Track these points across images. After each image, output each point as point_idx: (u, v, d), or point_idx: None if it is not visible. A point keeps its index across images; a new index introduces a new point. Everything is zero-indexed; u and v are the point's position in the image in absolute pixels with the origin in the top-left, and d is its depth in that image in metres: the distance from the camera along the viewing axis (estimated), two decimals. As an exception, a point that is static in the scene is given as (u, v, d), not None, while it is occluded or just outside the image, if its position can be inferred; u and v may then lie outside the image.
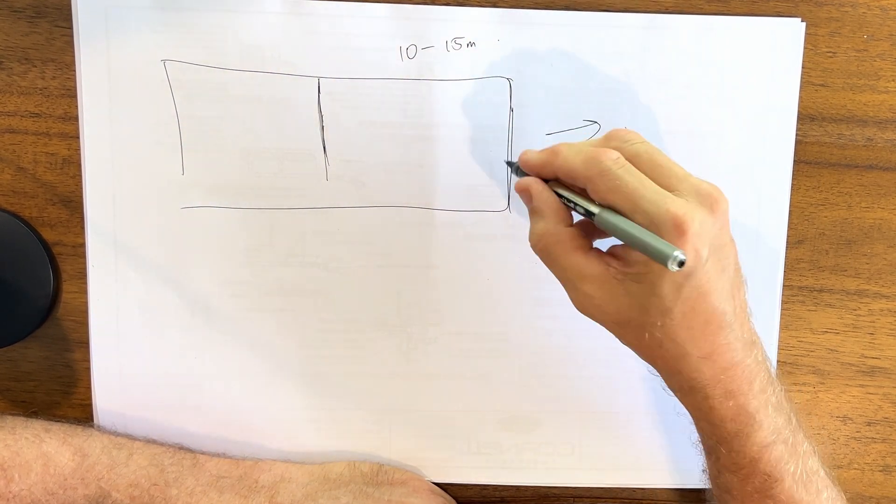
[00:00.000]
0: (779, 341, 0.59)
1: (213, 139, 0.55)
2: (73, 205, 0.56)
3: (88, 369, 0.57)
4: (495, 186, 0.57)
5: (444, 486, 0.60)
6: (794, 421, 0.49)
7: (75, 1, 0.54)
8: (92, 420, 0.58)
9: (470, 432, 0.59)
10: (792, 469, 0.47)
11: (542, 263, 0.57)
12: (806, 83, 0.57)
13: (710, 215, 0.42)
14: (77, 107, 0.55)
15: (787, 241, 0.58)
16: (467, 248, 0.57)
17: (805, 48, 0.56)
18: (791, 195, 0.58)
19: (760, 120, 0.57)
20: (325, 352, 0.58)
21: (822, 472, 0.49)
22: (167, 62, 0.55)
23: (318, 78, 0.55)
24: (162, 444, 0.55)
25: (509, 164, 0.55)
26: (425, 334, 0.58)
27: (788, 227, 0.58)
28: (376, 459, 0.59)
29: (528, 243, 0.47)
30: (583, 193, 0.45)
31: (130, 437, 0.55)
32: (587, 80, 0.56)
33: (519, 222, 0.57)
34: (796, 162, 0.57)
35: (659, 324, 0.43)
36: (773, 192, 0.57)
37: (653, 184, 0.42)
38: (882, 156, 0.58)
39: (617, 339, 0.47)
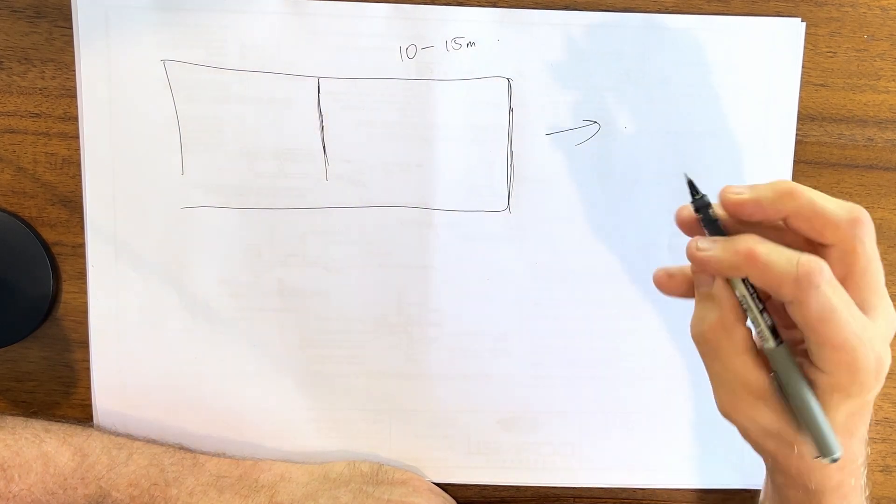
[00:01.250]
0: (779, 341, 0.59)
1: (213, 139, 0.55)
2: (73, 205, 0.56)
3: (88, 369, 0.57)
4: (495, 186, 0.57)
5: (443, 487, 0.60)
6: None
7: (75, 1, 0.54)
8: (92, 420, 0.58)
9: (470, 432, 0.59)
10: None
11: (542, 263, 0.57)
12: (806, 83, 0.57)
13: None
14: (77, 107, 0.55)
15: (787, 241, 0.58)
16: (467, 248, 0.57)
17: (805, 48, 0.56)
18: (791, 195, 0.58)
19: (760, 120, 0.57)
20: (325, 352, 0.58)
21: None
22: (167, 62, 0.55)
23: (318, 78, 0.55)
24: (162, 444, 0.55)
25: (693, 192, 0.42)
26: (425, 334, 0.58)
27: (789, 227, 0.58)
28: (376, 459, 0.59)
29: (690, 328, 0.43)
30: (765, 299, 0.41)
31: (130, 437, 0.55)
32: (587, 80, 0.56)
33: (518, 222, 0.57)
34: (796, 162, 0.57)
35: (809, 454, 0.42)
36: (773, 193, 0.57)
37: (858, 312, 0.39)
38: (882, 156, 0.58)
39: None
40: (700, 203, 0.41)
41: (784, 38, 0.56)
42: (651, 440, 0.60)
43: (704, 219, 0.41)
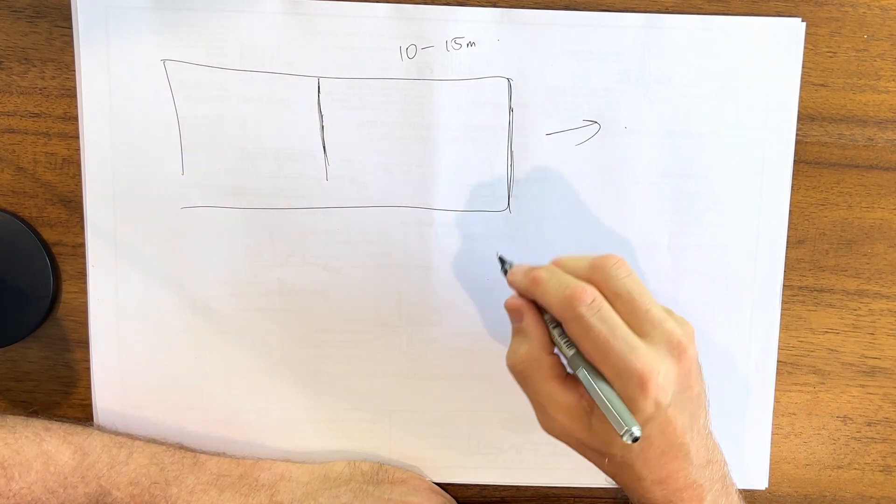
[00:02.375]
0: (779, 341, 0.59)
1: (213, 139, 0.55)
2: (73, 205, 0.56)
3: (88, 369, 0.57)
4: (495, 186, 0.57)
5: (444, 486, 0.60)
6: None
7: (75, 1, 0.54)
8: (92, 420, 0.58)
9: (470, 432, 0.59)
10: None
11: (542, 263, 0.57)
12: (806, 83, 0.57)
13: (676, 364, 0.44)
14: (77, 107, 0.55)
15: (787, 241, 0.58)
16: (467, 248, 0.57)
17: (805, 48, 0.56)
18: (791, 195, 0.58)
19: (760, 120, 0.57)
20: (325, 352, 0.58)
21: None
22: (167, 62, 0.55)
23: (318, 78, 0.55)
24: (162, 443, 0.55)
25: (501, 260, 0.52)
26: (425, 334, 0.58)
27: (789, 227, 0.58)
28: (376, 459, 0.59)
29: (506, 363, 0.49)
30: None
31: (131, 436, 0.55)
32: (587, 80, 0.56)
33: (519, 222, 0.57)
34: (796, 162, 0.57)
35: (619, 455, 0.46)
36: (773, 192, 0.57)
37: (624, 331, 0.44)
38: (882, 156, 0.58)
39: None
40: (504, 271, 0.51)
41: (784, 38, 0.56)
42: (651, 440, 0.60)
43: (504, 269, 0.51)
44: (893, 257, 0.59)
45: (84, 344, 0.57)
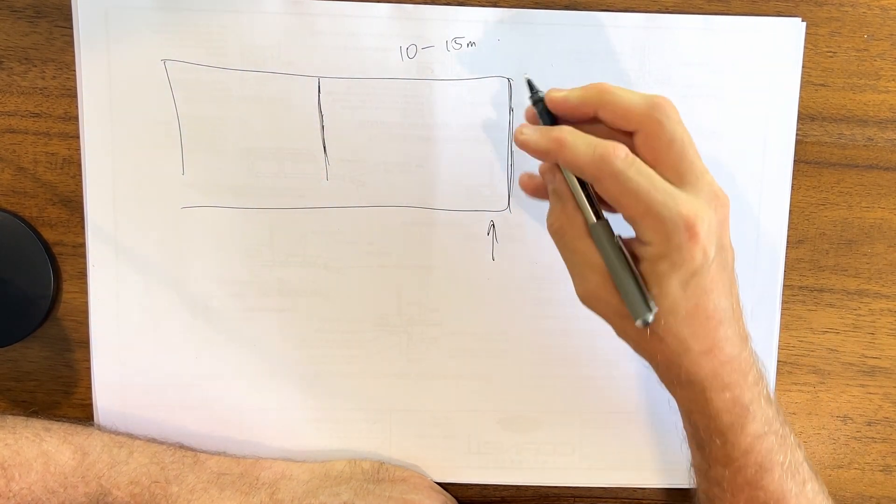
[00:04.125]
0: (779, 341, 0.59)
1: (213, 139, 0.55)
2: (73, 205, 0.56)
3: (88, 369, 0.57)
4: (495, 186, 0.57)
5: (444, 486, 0.60)
6: (781, 414, 0.50)
7: (75, 1, 0.54)
8: (92, 420, 0.58)
9: (470, 432, 0.59)
10: (781, 459, 0.48)
11: (542, 263, 0.57)
12: (806, 83, 0.57)
13: (716, 215, 0.43)
14: (77, 107, 0.55)
15: (787, 241, 0.58)
16: (468, 248, 0.57)
17: (805, 48, 0.56)
18: (791, 195, 0.58)
19: (761, 119, 0.57)
20: (326, 352, 0.58)
21: (806, 465, 0.50)
22: (167, 62, 0.55)
23: (318, 77, 0.55)
24: (162, 443, 0.56)
25: (530, 84, 0.48)
26: (425, 334, 0.58)
27: (789, 226, 0.58)
28: (377, 459, 0.59)
29: (546, 227, 0.47)
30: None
31: (131, 436, 0.55)
32: (587, 80, 0.55)
33: (519, 222, 0.57)
34: (797, 162, 0.57)
35: (662, 321, 0.44)
36: (773, 192, 0.57)
37: (663, 182, 0.43)
38: (882, 155, 0.58)
39: (615, 335, 0.47)
40: (536, 98, 0.47)
41: (784, 37, 0.56)
42: (651, 440, 0.60)
43: (539, 111, 0.47)
44: (893, 257, 0.59)
45: (84, 344, 0.57)
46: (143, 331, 0.57)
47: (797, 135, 0.57)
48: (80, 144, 0.55)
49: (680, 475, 0.60)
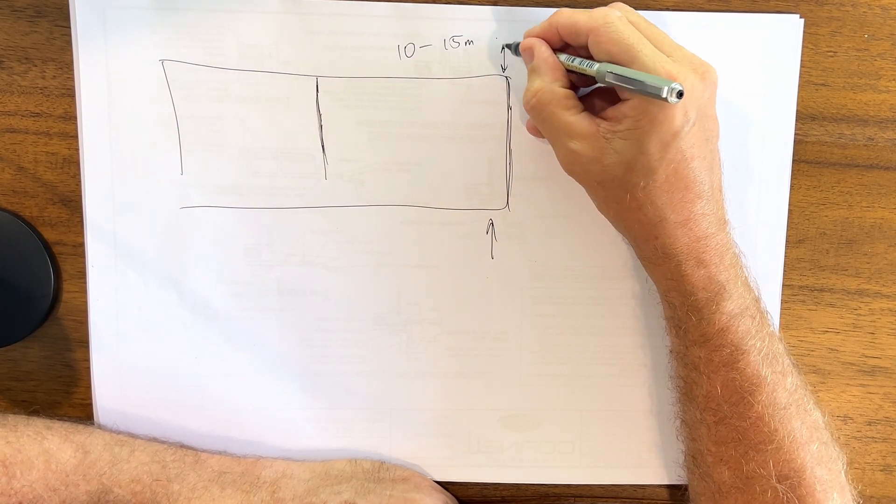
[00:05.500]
0: (779, 341, 0.59)
1: (212, 139, 0.55)
2: (73, 204, 0.57)
3: (88, 369, 0.57)
4: (494, 185, 0.57)
5: (445, 485, 0.60)
6: (762, 306, 0.51)
7: (73, 1, 0.54)
8: (92, 419, 0.58)
9: (470, 431, 0.59)
10: (758, 345, 0.49)
11: (541, 261, 0.57)
12: (807, 83, 0.56)
13: (700, 82, 0.46)
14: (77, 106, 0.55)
15: (787, 241, 0.58)
16: (467, 246, 0.57)
17: (806, 48, 0.56)
18: (791, 195, 0.57)
19: (760, 117, 0.56)
20: (325, 351, 0.58)
21: (788, 359, 0.51)
22: (165, 62, 0.55)
23: (317, 77, 0.55)
24: (163, 442, 0.56)
25: (508, 46, 0.55)
26: (425, 333, 0.58)
27: (788, 226, 0.58)
28: (377, 458, 0.59)
29: (522, 103, 0.50)
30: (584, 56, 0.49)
31: (132, 435, 0.56)
32: (586, 80, 0.56)
33: (518, 220, 0.57)
34: (797, 161, 0.57)
35: (642, 184, 0.46)
36: (772, 192, 0.57)
37: (651, 46, 0.46)
38: (883, 155, 0.57)
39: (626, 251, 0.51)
40: (516, 46, 0.53)
41: (782, 34, 0.56)
42: (651, 438, 0.60)
43: (516, 51, 0.54)
44: (893, 257, 0.59)
45: (84, 343, 0.57)
46: (142, 330, 0.57)
47: (798, 135, 0.57)
48: (79, 144, 0.55)
49: (680, 473, 0.60)
